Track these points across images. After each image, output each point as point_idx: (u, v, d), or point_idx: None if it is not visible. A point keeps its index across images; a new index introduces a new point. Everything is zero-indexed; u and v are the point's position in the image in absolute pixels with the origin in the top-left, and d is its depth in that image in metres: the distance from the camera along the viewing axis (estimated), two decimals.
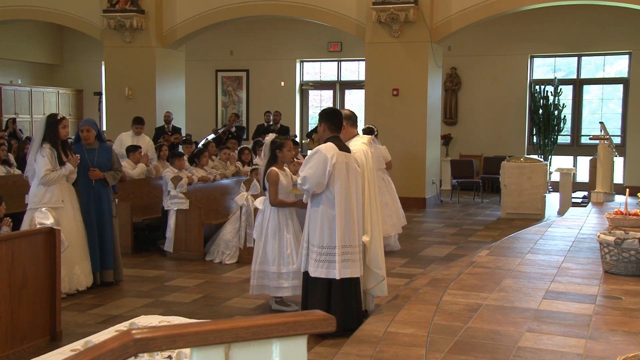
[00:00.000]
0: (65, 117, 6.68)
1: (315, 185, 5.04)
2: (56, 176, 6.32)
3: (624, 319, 4.69)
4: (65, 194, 6.43)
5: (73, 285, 6.41)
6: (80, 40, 17.75)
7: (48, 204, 6.23)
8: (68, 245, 5.68)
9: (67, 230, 6.27)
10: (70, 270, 6.35)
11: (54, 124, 6.39)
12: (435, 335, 4.39)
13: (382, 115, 12.65)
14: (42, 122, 6.50)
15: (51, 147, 6.33)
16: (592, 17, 14.82)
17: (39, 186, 6.33)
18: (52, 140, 6.37)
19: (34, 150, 6.39)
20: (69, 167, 6.41)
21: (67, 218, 6.36)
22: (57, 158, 6.35)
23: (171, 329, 1.59)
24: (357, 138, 5.61)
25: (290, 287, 5.89)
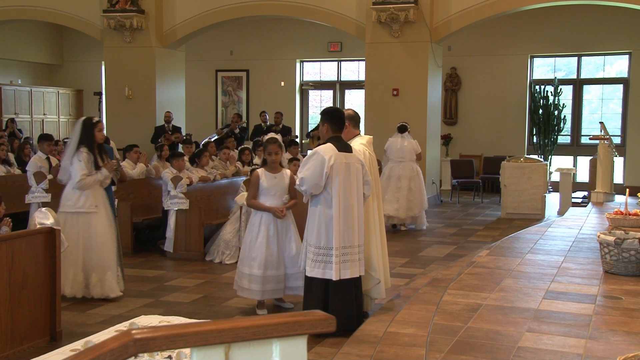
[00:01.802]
0: (101, 120, 6.54)
1: (312, 186, 5.05)
2: (92, 181, 6.22)
3: (624, 319, 4.69)
4: (99, 199, 6.34)
5: (105, 291, 6.29)
6: (80, 40, 17.75)
7: (82, 209, 6.18)
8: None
9: (100, 236, 6.22)
10: (102, 276, 6.25)
11: (90, 128, 6.29)
12: (435, 335, 4.39)
13: (382, 115, 12.65)
14: (77, 126, 6.37)
15: (88, 152, 6.23)
16: (592, 17, 14.82)
17: (74, 190, 6.23)
18: (88, 144, 6.27)
19: (70, 153, 6.27)
20: (104, 172, 6.32)
21: (100, 223, 6.27)
22: (93, 162, 6.27)
23: (171, 329, 1.59)
24: (357, 138, 5.61)
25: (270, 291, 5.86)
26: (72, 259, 6.18)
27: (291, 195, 5.96)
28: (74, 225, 6.23)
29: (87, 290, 6.28)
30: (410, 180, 10.27)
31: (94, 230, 6.24)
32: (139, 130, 13.65)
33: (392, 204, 10.16)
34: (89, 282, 6.27)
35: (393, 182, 10.25)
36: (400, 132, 10.45)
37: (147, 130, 13.70)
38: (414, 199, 10.27)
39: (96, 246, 6.25)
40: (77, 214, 6.23)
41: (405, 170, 10.31)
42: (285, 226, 5.91)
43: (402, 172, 10.28)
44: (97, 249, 6.25)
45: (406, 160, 10.34)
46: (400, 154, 10.33)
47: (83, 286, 6.25)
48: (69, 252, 6.13)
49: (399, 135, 10.43)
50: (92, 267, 6.26)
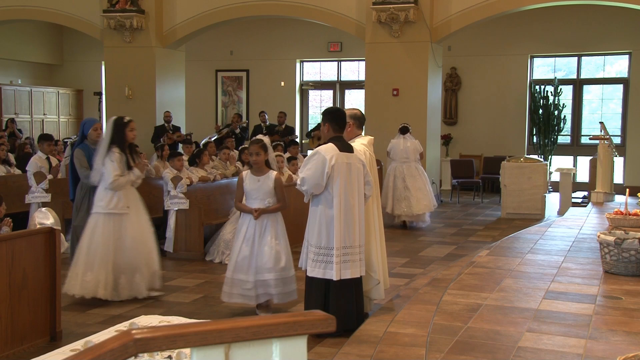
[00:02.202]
0: (132, 120, 6.46)
1: (313, 186, 5.05)
2: (124, 181, 6.17)
3: (624, 319, 4.68)
4: (131, 199, 6.29)
5: (133, 292, 6.22)
6: (80, 40, 17.75)
7: (114, 210, 6.12)
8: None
9: (130, 237, 6.16)
10: (131, 278, 6.19)
11: (121, 127, 6.25)
12: (435, 335, 4.39)
13: (382, 115, 12.65)
14: (109, 126, 6.30)
15: (120, 152, 6.18)
16: (592, 17, 14.82)
17: (106, 191, 6.17)
18: (120, 144, 6.22)
19: (102, 154, 6.21)
20: (136, 172, 6.28)
21: (131, 224, 6.22)
22: (126, 162, 6.21)
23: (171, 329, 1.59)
24: (358, 139, 5.60)
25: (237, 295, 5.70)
26: (102, 261, 6.10)
27: (278, 199, 5.78)
28: (105, 226, 6.15)
29: (115, 293, 6.17)
30: (415, 179, 10.62)
31: (125, 231, 6.17)
32: (139, 130, 13.39)
33: (401, 203, 10.52)
34: (118, 283, 6.18)
35: (399, 182, 10.58)
36: (402, 133, 10.77)
37: (147, 130, 13.70)
38: (423, 197, 10.60)
39: (126, 247, 6.17)
40: (109, 215, 6.16)
41: (410, 170, 10.64)
42: (262, 230, 5.71)
43: (407, 172, 10.62)
44: (127, 251, 6.16)
45: (410, 160, 10.68)
46: (404, 154, 10.65)
47: (112, 289, 6.16)
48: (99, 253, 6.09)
49: (402, 137, 10.75)
50: (121, 269, 6.16)
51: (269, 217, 5.76)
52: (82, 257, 6.13)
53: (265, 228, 5.72)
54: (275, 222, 5.78)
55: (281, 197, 5.79)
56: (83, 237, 6.23)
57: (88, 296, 6.12)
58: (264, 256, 5.65)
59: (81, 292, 6.13)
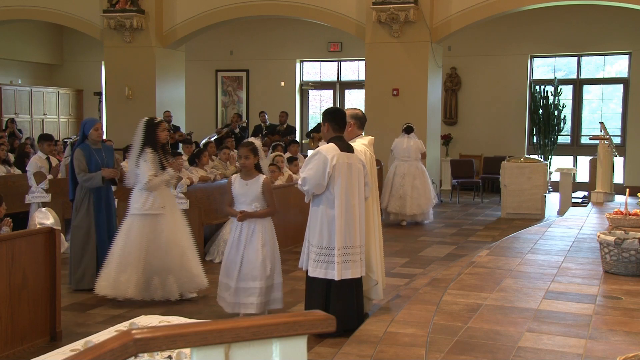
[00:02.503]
0: (164, 120, 6.37)
1: (314, 186, 5.04)
2: (159, 181, 6.12)
3: (624, 319, 4.68)
4: (166, 200, 6.24)
5: (166, 294, 6.15)
6: (80, 40, 17.75)
7: (150, 211, 6.07)
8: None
9: (165, 238, 6.08)
10: (164, 279, 6.11)
11: (153, 128, 6.19)
12: (435, 335, 4.39)
13: (382, 115, 12.65)
14: (140, 127, 6.23)
15: (153, 152, 6.12)
16: (592, 17, 14.82)
17: (141, 192, 6.11)
18: (152, 144, 6.18)
19: (135, 155, 6.15)
20: (170, 172, 6.24)
21: (166, 225, 6.15)
22: (159, 162, 6.16)
23: (171, 329, 1.59)
24: (359, 139, 5.60)
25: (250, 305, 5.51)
26: (135, 262, 6.05)
27: (267, 203, 5.62)
28: (141, 227, 6.09)
29: (147, 293, 6.10)
30: (415, 178, 10.80)
31: (160, 232, 6.11)
32: None
33: (395, 200, 10.74)
34: (150, 284, 6.11)
35: (397, 179, 10.81)
36: (407, 132, 11.01)
37: None
38: (418, 196, 10.75)
39: (160, 249, 6.09)
40: (144, 216, 6.11)
41: (410, 168, 10.85)
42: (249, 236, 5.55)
43: (407, 170, 10.83)
44: (161, 252, 6.09)
45: (412, 159, 10.91)
46: (406, 153, 10.88)
47: (143, 289, 6.09)
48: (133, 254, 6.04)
49: (406, 136, 11.00)
50: (154, 270, 6.10)
51: (257, 222, 5.59)
52: (115, 258, 6.07)
53: (253, 233, 5.55)
54: (263, 228, 5.60)
55: (270, 202, 5.63)
56: (117, 238, 6.17)
57: (121, 298, 6.07)
58: (249, 263, 5.50)
59: (114, 293, 6.07)
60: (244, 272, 5.51)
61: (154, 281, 6.11)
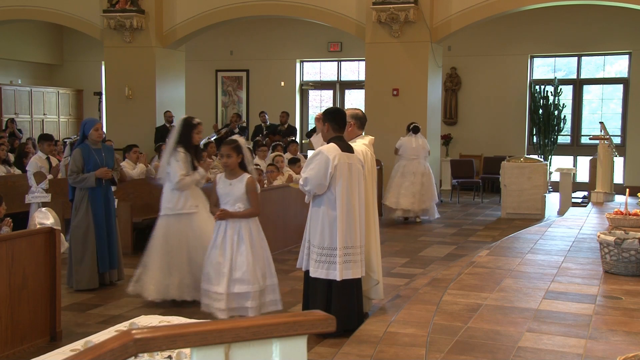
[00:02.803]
0: (201, 122, 6.31)
1: (316, 186, 5.04)
2: (190, 181, 6.05)
3: (624, 319, 4.68)
4: (198, 198, 6.18)
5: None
6: (80, 40, 17.75)
7: (183, 210, 6.01)
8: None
9: (206, 235, 5.99)
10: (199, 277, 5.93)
11: (190, 128, 6.12)
12: (435, 335, 4.39)
13: (382, 115, 12.65)
14: (177, 125, 6.18)
15: (185, 152, 6.04)
16: (592, 17, 14.82)
17: (173, 192, 6.06)
18: (185, 144, 6.10)
19: (167, 153, 6.10)
20: (201, 171, 6.18)
21: (203, 223, 6.09)
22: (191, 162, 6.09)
23: (171, 329, 1.59)
24: (359, 139, 5.60)
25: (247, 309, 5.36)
26: (177, 263, 5.99)
27: (251, 204, 5.41)
28: (177, 227, 6.03)
29: (196, 293, 5.91)
30: (423, 176, 11.20)
31: (198, 230, 6.05)
32: (139, 130, 13.65)
33: (407, 198, 11.06)
34: (183, 283, 6.02)
35: (408, 178, 11.13)
36: (415, 132, 11.30)
37: (147, 131, 13.70)
38: (425, 193, 11.18)
39: (202, 246, 5.98)
40: (178, 216, 6.05)
41: (419, 167, 11.21)
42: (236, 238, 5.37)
43: (416, 169, 11.17)
44: (198, 250, 6.01)
45: (420, 157, 11.25)
46: (415, 152, 11.22)
47: (192, 288, 5.99)
48: (174, 255, 5.97)
49: (413, 135, 11.28)
50: (199, 268, 5.94)
51: (243, 223, 5.39)
52: (157, 261, 6.02)
53: (239, 236, 5.37)
54: (249, 229, 5.40)
55: (253, 202, 5.41)
56: (154, 240, 6.11)
57: (168, 299, 6.02)
58: (238, 268, 5.32)
59: (161, 296, 6.02)
60: (235, 277, 5.32)
61: (186, 280, 6.03)
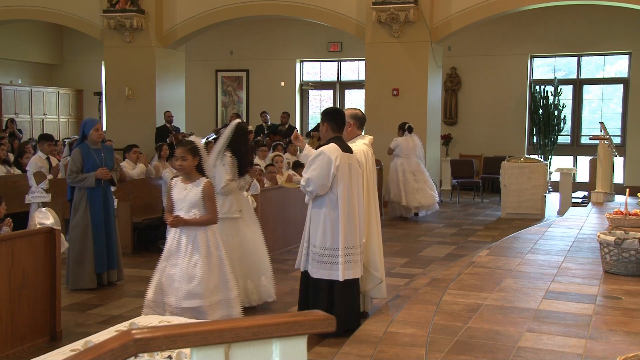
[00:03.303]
0: (252, 131, 6.17)
1: (319, 186, 5.02)
2: (235, 186, 5.93)
3: (624, 319, 4.69)
4: (243, 203, 6.08)
5: (263, 296, 6.00)
6: (80, 40, 17.75)
7: (227, 215, 5.90)
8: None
9: (250, 241, 5.96)
10: (257, 282, 5.96)
11: (242, 134, 6.00)
12: (435, 335, 4.39)
13: (382, 115, 12.65)
14: (229, 129, 6.04)
15: (232, 156, 5.94)
16: (592, 17, 14.82)
17: (217, 195, 5.87)
18: (234, 149, 5.96)
19: (214, 156, 5.98)
20: (247, 177, 6.07)
21: (248, 227, 6.03)
22: (237, 167, 5.96)
23: (171, 329, 1.59)
24: (359, 139, 5.60)
25: None
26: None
27: (207, 210, 5.03)
28: (222, 232, 5.80)
29: (246, 299, 5.85)
30: (422, 173, 11.64)
31: (243, 235, 5.97)
32: (139, 130, 13.65)
33: (414, 195, 11.45)
34: (246, 288, 5.93)
35: (409, 175, 11.47)
36: (409, 131, 11.57)
37: (147, 131, 13.70)
38: (427, 188, 11.61)
39: (248, 251, 5.96)
40: (223, 220, 5.85)
41: (417, 165, 11.58)
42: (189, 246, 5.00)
43: (415, 167, 11.52)
44: (249, 254, 5.96)
45: (414, 156, 11.56)
46: (413, 151, 11.53)
47: (241, 294, 5.80)
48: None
49: (409, 135, 11.54)
50: (247, 274, 5.91)
51: (199, 232, 5.00)
52: None
53: (193, 245, 4.98)
54: (205, 238, 5.03)
55: (210, 209, 5.03)
56: None
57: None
58: (190, 280, 4.93)
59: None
60: (185, 289, 4.90)
61: (248, 285, 5.94)
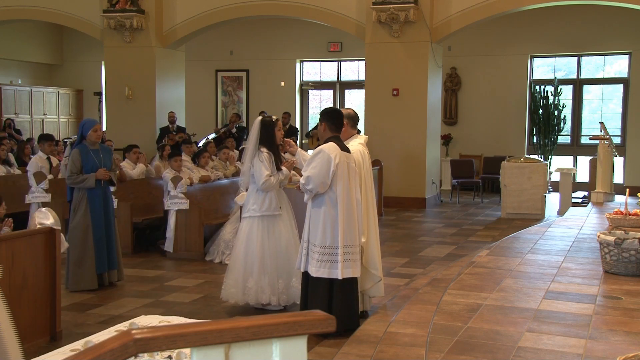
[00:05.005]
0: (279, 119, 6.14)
1: (319, 185, 5.04)
2: (275, 182, 5.88)
3: (624, 319, 4.69)
4: (283, 200, 6.04)
5: (291, 297, 5.94)
6: (80, 40, 17.75)
7: (267, 212, 5.89)
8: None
9: (285, 239, 5.92)
10: (288, 282, 5.91)
11: (270, 127, 5.93)
12: (435, 335, 4.39)
13: (382, 115, 12.65)
14: (255, 126, 5.99)
15: (269, 151, 5.90)
16: (592, 17, 14.82)
17: (258, 192, 5.92)
18: (268, 143, 5.92)
19: (250, 155, 5.95)
20: (285, 171, 6.02)
21: (284, 226, 5.98)
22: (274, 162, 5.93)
23: (171, 329, 1.59)
24: (354, 138, 5.61)
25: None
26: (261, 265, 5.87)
27: None
28: (261, 229, 5.89)
29: (275, 298, 5.88)
30: None
31: (279, 233, 5.93)
32: (139, 130, 13.65)
33: None
34: (277, 288, 5.91)
35: None
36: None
37: (147, 131, 13.71)
38: None
39: (282, 250, 5.92)
40: (262, 218, 5.91)
41: None
42: None
43: None
44: (283, 253, 5.94)
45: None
46: None
47: (271, 293, 5.89)
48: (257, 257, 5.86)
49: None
50: (279, 273, 5.89)
51: None
52: (240, 263, 5.92)
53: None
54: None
55: None
56: (238, 242, 6.02)
57: (252, 303, 5.91)
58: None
59: (244, 299, 5.93)
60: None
61: (279, 284, 5.91)
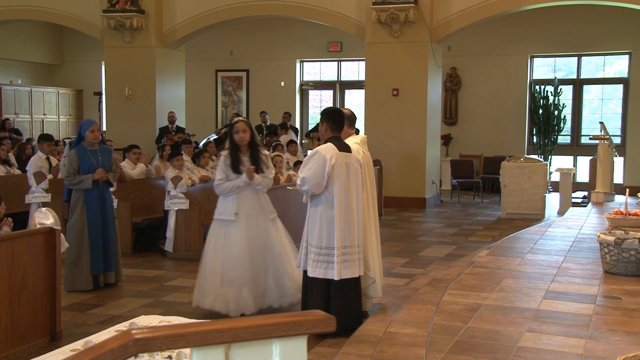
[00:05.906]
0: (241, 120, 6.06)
1: (314, 186, 5.04)
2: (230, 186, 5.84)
3: (624, 319, 4.68)
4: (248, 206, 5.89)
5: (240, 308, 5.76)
6: (80, 40, 17.75)
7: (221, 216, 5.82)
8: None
9: (238, 247, 5.82)
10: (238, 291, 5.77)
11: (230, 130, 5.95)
12: (435, 335, 4.39)
13: (382, 115, 12.65)
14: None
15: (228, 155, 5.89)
16: (592, 17, 14.82)
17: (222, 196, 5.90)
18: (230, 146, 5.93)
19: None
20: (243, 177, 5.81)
21: (239, 233, 5.86)
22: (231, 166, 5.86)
23: (171, 329, 1.59)
24: (350, 138, 5.60)
25: None
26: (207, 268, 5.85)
27: None
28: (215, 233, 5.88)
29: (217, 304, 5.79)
30: None
31: (232, 240, 5.84)
32: (139, 130, 13.65)
33: None
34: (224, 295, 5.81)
35: None
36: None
37: (147, 131, 13.70)
38: None
39: (234, 257, 5.84)
40: (218, 222, 5.89)
41: None
42: None
43: None
44: (234, 261, 5.83)
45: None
46: None
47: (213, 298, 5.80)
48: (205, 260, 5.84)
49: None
50: (228, 281, 5.79)
51: None
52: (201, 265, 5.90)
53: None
54: None
55: None
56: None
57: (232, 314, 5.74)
58: None
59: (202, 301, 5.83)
60: None
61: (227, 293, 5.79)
